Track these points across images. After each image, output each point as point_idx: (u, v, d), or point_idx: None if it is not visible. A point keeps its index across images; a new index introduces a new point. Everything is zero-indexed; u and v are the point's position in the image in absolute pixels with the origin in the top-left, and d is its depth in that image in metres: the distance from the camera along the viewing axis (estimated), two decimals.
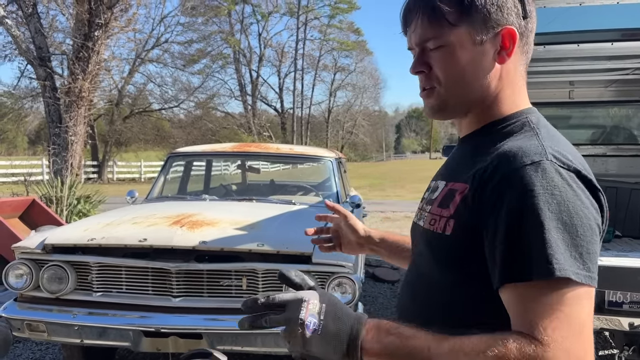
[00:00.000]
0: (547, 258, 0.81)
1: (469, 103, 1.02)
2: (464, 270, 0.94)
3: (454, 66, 0.98)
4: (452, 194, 0.99)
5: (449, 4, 0.95)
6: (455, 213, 0.95)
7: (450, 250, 0.96)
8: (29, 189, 9.32)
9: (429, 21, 0.97)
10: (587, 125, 5.55)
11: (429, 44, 0.99)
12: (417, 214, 1.15)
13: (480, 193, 0.91)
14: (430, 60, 1.00)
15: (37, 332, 3.11)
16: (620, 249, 3.45)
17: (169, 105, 32.91)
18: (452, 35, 0.96)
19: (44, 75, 13.08)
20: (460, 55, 0.97)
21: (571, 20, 3.29)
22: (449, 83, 1.00)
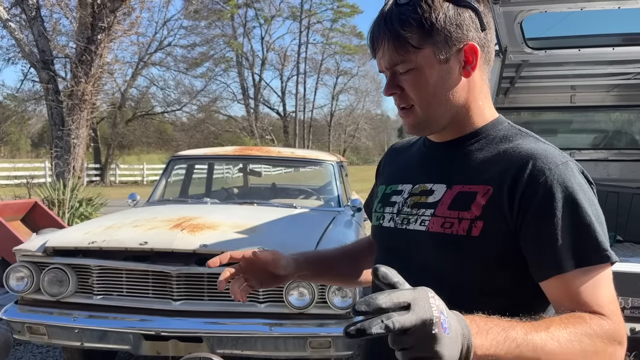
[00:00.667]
0: (602, 246, 0.94)
1: (445, 117, 1.06)
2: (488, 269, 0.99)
3: (424, 86, 1.03)
4: (471, 196, 1.01)
5: (411, 29, 0.99)
6: (483, 214, 0.98)
7: (477, 251, 0.98)
8: (31, 191, 9.34)
9: (394, 47, 1.01)
10: (589, 130, 5.54)
11: (398, 67, 1.03)
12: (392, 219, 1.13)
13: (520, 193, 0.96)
14: (401, 83, 1.04)
15: (37, 335, 3.12)
16: (622, 254, 3.44)
17: (172, 108, 32.99)
18: (418, 58, 1.01)
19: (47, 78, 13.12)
20: (428, 75, 1.02)
21: (572, 25, 3.30)
22: (423, 102, 1.04)
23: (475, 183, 1.01)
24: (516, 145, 1.03)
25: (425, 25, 0.99)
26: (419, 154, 1.18)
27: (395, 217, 1.12)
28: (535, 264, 0.96)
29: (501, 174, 0.99)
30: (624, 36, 3.35)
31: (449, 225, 1.01)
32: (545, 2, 2.87)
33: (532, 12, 2.96)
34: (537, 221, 0.95)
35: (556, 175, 0.96)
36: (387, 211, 1.15)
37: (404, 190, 1.14)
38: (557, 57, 3.67)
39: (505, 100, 5.02)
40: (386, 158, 1.32)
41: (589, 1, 2.79)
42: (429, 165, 1.13)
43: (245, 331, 2.98)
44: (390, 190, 1.18)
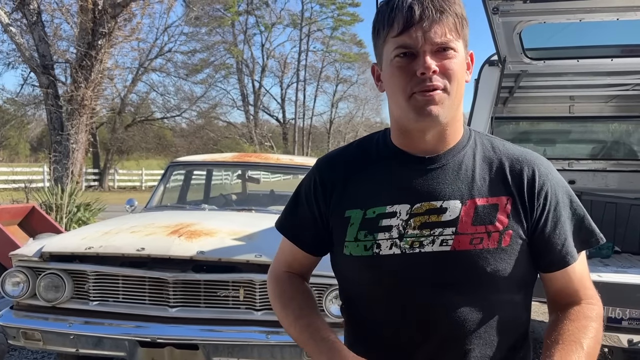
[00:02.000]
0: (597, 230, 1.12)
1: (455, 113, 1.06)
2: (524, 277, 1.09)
3: (459, 73, 1.02)
4: (492, 208, 1.04)
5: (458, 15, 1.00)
6: (510, 224, 1.04)
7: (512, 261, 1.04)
8: (29, 196, 9.33)
9: (454, 25, 1.00)
10: (587, 140, 5.55)
11: (449, 45, 0.99)
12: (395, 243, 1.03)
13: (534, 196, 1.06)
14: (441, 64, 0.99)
15: (32, 341, 3.10)
16: (620, 264, 3.44)
17: (171, 114, 32.96)
18: (459, 46, 1.02)
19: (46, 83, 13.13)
20: (461, 64, 1.02)
21: (571, 36, 3.31)
22: (455, 89, 1.01)
23: (492, 195, 1.05)
24: (507, 153, 1.10)
25: (463, 18, 1.03)
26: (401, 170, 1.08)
27: (399, 242, 1.03)
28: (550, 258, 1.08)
29: (515, 183, 1.06)
30: (622, 47, 3.36)
31: (478, 241, 1.01)
32: (544, 13, 2.88)
33: (531, 23, 2.97)
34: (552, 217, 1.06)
35: (554, 177, 1.10)
36: (382, 237, 1.04)
37: (398, 211, 1.05)
38: (555, 67, 3.68)
39: (504, 110, 5.03)
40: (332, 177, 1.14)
41: (588, 12, 2.80)
42: (429, 182, 1.06)
43: (241, 339, 2.96)
44: (375, 214, 1.06)
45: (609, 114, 5.05)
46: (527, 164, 1.08)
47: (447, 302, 1.03)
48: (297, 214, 1.21)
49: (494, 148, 1.11)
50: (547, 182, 1.07)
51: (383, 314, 1.08)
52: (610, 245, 3.68)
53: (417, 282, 1.04)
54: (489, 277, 1.03)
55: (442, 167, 1.06)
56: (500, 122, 5.04)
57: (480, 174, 1.06)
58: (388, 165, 1.10)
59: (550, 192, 1.07)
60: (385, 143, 1.13)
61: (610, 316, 3.01)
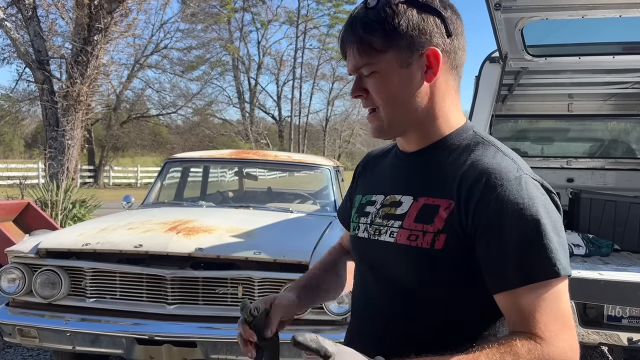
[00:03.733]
0: (551, 261, 0.93)
1: (408, 121, 1.08)
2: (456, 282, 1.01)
3: (386, 89, 1.05)
4: (433, 209, 1.03)
5: (374, 33, 1.02)
6: (445, 228, 1.00)
7: (441, 263, 1.00)
8: (24, 192, 9.26)
9: (358, 50, 1.04)
10: (586, 139, 5.55)
11: (363, 70, 1.06)
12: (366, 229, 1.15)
13: (473, 209, 0.98)
14: (366, 85, 1.07)
15: (28, 338, 3.07)
16: (619, 263, 3.43)
17: (167, 111, 32.88)
18: (382, 61, 1.04)
19: (42, 79, 13.06)
20: (390, 78, 1.04)
21: (573, 33, 3.29)
22: (385, 105, 1.07)
23: (438, 196, 1.03)
24: (475, 158, 1.03)
25: (388, 30, 1.02)
26: (391, 164, 1.19)
27: (369, 227, 1.14)
28: (487, 277, 0.97)
29: (459, 188, 1.00)
30: (624, 45, 3.35)
31: (414, 237, 1.03)
32: (546, 10, 2.87)
33: (533, 19, 2.95)
34: (488, 236, 0.96)
35: (507, 190, 0.96)
36: (362, 221, 1.17)
37: (376, 201, 1.15)
38: (556, 64, 3.67)
39: (503, 108, 5.02)
40: (362, 167, 1.32)
41: (590, 9, 2.78)
42: (398, 176, 1.14)
43: None
44: (366, 201, 1.19)
45: (608, 112, 5.05)
46: (480, 172, 1.00)
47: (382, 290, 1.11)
48: (345, 197, 1.40)
49: (471, 152, 1.05)
50: (491, 194, 0.96)
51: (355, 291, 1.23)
52: (609, 244, 3.68)
53: (370, 267, 1.15)
54: (417, 276, 1.03)
55: (414, 163, 1.12)
56: (498, 120, 5.03)
57: (438, 175, 1.06)
58: (390, 161, 1.21)
59: (492, 204, 0.96)
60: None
61: (610, 314, 3.01)
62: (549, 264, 0.93)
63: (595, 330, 2.97)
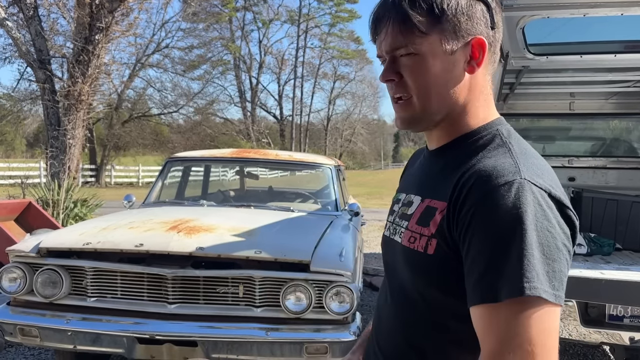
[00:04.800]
0: (519, 277, 0.80)
1: (439, 114, 0.99)
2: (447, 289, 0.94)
3: (425, 75, 0.96)
4: (432, 212, 0.97)
5: (420, 12, 0.94)
6: (437, 232, 0.93)
7: (433, 269, 0.95)
8: (26, 191, 9.27)
9: (400, 28, 0.95)
10: (587, 137, 5.53)
11: (401, 51, 0.97)
12: (389, 227, 1.14)
13: (457, 212, 0.90)
14: (400, 69, 0.98)
15: (29, 337, 3.07)
16: (621, 262, 3.43)
17: (168, 110, 32.91)
18: (424, 44, 0.95)
19: (43, 78, 13.05)
20: (431, 64, 0.96)
21: (574, 31, 3.28)
22: (421, 92, 0.98)
23: (438, 198, 0.97)
24: (479, 158, 0.95)
25: (436, 10, 0.93)
26: (420, 162, 1.17)
27: (391, 226, 1.13)
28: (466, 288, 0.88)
29: (452, 190, 0.93)
30: (626, 43, 3.34)
31: (413, 240, 0.99)
32: (547, 8, 2.86)
33: (534, 18, 2.95)
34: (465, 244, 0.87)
35: (490, 194, 0.86)
36: (389, 219, 1.16)
37: (401, 199, 1.14)
38: (558, 63, 3.66)
39: (504, 107, 5.01)
40: (406, 165, 1.31)
41: (592, 7, 2.78)
42: (418, 175, 1.13)
43: (240, 336, 2.94)
44: (396, 199, 1.18)
45: (610, 110, 5.03)
46: (475, 175, 0.90)
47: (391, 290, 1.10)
48: None
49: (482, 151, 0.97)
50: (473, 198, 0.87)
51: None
52: (611, 243, 3.67)
53: (387, 264, 1.14)
54: (413, 280, 1.00)
55: (430, 163, 1.08)
56: None
57: (443, 176, 0.99)
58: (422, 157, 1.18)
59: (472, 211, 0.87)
60: None
61: (612, 314, 3.00)
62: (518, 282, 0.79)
63: (596, 330, 2.96)
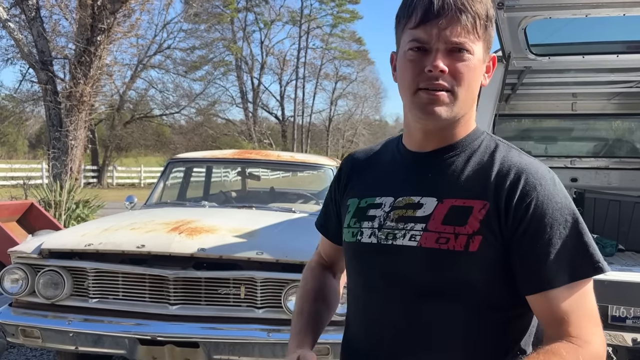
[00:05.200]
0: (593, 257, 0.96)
1: (461, 114, 1.04)
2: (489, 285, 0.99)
3: (471, 76, 1.01)
4: (466, 210, 0.99)
5: (484, 18, 1.00)
6: (482, 229, 0.97)
7: (475, 266, 0.97)
8: (28, 192, 9.28)
9: (472, 25, 0.98)
10: (590, 138, 5.52)
11: (466, 45, 0.99)
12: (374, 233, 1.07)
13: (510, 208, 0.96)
14: (451, 64, 0.99)
15: (31, 338, 3.07)
16: (624, 263, 3.41)
17: (170, 111, 32.90)
18: (477, 47, 1.00)
19: (45, 79, 13.08)
20: (477, 67, 1.01)
21: (576, 32, 3.28)
22: (463, 90, 1.00)
23: (470, 197, 1.00)
24: (504, 159, 1.02)
25: (488, 23, 1.02)
26: (397, 164, 1.13)
27: (377, 232, 1.07)
28: (524, 278, 0.97)
29: (496, 189, 0.98)
30: (628, 43, 3.33)
31: (444, 240, 0.98)
32: (549, 8, 2.85)
33: (536, 18, 2.94)
34: (529, 236, 0.95)
35: (546, 190, 0.97)
36: (366, 226, 1.09)
37: (384, 203, 1.08)
38: (560, 63, 3.65)
39: (506, 107, 5.00)
40: (349, 170, 1.22)
41: (594, 8, 2.77)
42: (414, 177, 1.08)
43: (242, 337, 2.93)
44: (366, 204, 1.11)
45: (612, 111, 5.02)
46: (517, 171, 0.99)
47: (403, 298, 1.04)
48: (325, 204, 1.32)
49: (494, 152, 1.04)
50: (532, 193, 0.96)
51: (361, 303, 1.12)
52: (613, 244, 3.66)
53: (383, 275, 1.06)
54: (450, 280, 0.99)
55: (432, 164, 1.07)
56: (501, 120, 5.01)
57: (466, 176, 1.02)
58: (390, 162, 1.15)
59: (534, 203, 0.96)
60: (398, 143, 1.17)
61: (615, 315, 2.98)
62: (591, 262, 0.96)
63: None
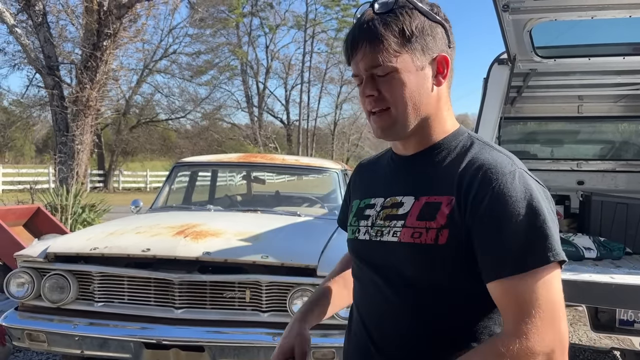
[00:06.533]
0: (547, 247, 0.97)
1: (414, 123, 1.11)
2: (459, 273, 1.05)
3: (401, 89, 1.08)
4: (435, 206, 1.07)
5: (393, 34, 1.06)
6: (448, 223, 1.04)
7: (446, 258, 1.04)
8: (35, 197, 9.33)
9: (376, 49, 1.06)
10: (596, 141, 5.49)
11: (378, 70, 1.08)
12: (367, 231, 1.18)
13: (470, 201, 1.02)
14: (378, 86, 1.09)
15: (37, 342, 3.08)
16: (632, 266, 3.38)
17: (176, 115, 33.01)
18: (399, 62, 1.07)
19: (52, 84, 13.16)
20: (406, 79, 1.08)
21: (582, 34, 3.26)
22: (399, 104, 1.09)
23: (440, 194, 1.08)
24: (472, 156, 1.09)
25: (407, 32, 1.06)
26: (388, 168, 1.23)
27: (370, 229, 1.17)
28: (482, 266, 1.02)
29: (459, 184, 1.06)
30: (634, 45, 3.30)
31: (418, 235, 1.07)
32: (555, 10, 2.84)
33: (541, 20, 2.93)
34: (485, 226, 1.01)
35: (502, 183, 1.01)
36: (362, 224, 1.20)
37: (376, 203, 1.19)
38: (566, 66, 3.63)
39: (512, 110, 4.98)
40: (356, 175, 1.37)
41: (600, 9, 2.75)
42: (398, 178, 1.18)
43: (247, 341, 2.93)
44: (364, 205, 1.23)
45: (618, 113, 4.99)
46: (478, 166, 1.05)
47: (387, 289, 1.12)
48: (344, 203, 1.43)
49: (468, 150, 1.11)
50: (487, 187, 1.02)
51: (356, 294, 1.25)
52: (621, 247, 3.63)
53: (373, 267, 1.16)
54: (424, 271, 1.06)
55: (412, 166, 1.16)
56: (507, 123, 4.99)
57: (439, 174, 1.11)
58: (385, 165, 1.26)
59: (488, 197, 1.01)
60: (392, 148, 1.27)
61: (622, 318, 2.96)
62: (543, 251, 0.97)
63: (607, 335, 2.92)
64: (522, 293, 0.96)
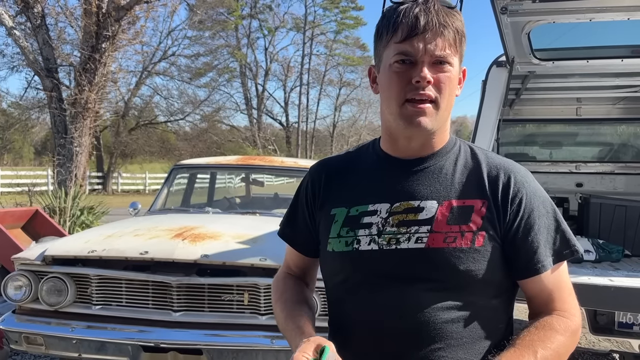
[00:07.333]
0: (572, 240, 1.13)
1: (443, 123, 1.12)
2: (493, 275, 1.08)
3: (451, 86, 1.08)
4: (467, 210, 1.09)
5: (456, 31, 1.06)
6: (485, 225, 1.07)
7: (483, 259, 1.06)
8: (33, 199, 9.31)
9: (454, 40, 1.06)
10: (595, 143, 5.50)
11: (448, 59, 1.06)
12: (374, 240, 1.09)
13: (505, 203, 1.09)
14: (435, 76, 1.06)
15: (34, 345, 3.07)
16: (630, 268, 3.38)
17: (175, 117, 32.99)
18: (455, 61, 1.08)
19: (50, 86, 13.14)
20: (453, 78, 1.08)
21: (581, 36, 3.26)
22: (443, 100, 1.08)
23: (469, 198, 1.10)
24: (487, 161, 1.15)
25: (464, 38, 1.09)
26: (383, 171, 1.17)
27: (377, 238, 1.10)
28: (519, 265, 1.10)
29: (491, 188, 1.10)
30: (632, 48, 3.31)
31: (451, 239, 1.06)
32: (553, 13, 2.84)
33: (540, 23, 2.93)
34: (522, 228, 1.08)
35: (531, 186, 1.13)
36: (362, 234, 1.12)
37: (379, 210, 1.12)
38: (564, 68, 3.63)
39: (511, 112, 4.98)
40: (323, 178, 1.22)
41: (598, 12, 2.76)
42: (409, 183, 1.13)
43: (246, 344, 2.92)
44: (358, 212, 1.14)
45: (617, 116, 5.00)
46: (504, 171, 1.12)
47: (418, 298, 1.07)
48: (293, 216, 1.31)
49: (475, 155, 1.16)
50: (522, 190, 1.10)
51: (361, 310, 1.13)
52: (620, 249, 3.62)
53: (391, 278, 1.09)
54: (461, 276, 1.06)
55: (423, 170, 1.14)
56: (506, 125, 4.99)
57: (459, 178, 1.12)
58: (374, 168, 1.19)
59: (525, 199, 1.10)
60: (374, 148, 1.22)
61: (621, 321, 2.95)
62: (569, 245, 1.12)
63: (606, 338, 2.92)
64: (559, 282, 1.11)
